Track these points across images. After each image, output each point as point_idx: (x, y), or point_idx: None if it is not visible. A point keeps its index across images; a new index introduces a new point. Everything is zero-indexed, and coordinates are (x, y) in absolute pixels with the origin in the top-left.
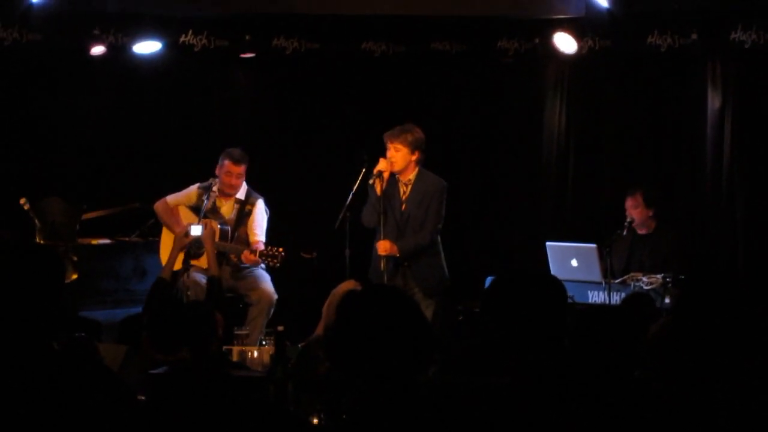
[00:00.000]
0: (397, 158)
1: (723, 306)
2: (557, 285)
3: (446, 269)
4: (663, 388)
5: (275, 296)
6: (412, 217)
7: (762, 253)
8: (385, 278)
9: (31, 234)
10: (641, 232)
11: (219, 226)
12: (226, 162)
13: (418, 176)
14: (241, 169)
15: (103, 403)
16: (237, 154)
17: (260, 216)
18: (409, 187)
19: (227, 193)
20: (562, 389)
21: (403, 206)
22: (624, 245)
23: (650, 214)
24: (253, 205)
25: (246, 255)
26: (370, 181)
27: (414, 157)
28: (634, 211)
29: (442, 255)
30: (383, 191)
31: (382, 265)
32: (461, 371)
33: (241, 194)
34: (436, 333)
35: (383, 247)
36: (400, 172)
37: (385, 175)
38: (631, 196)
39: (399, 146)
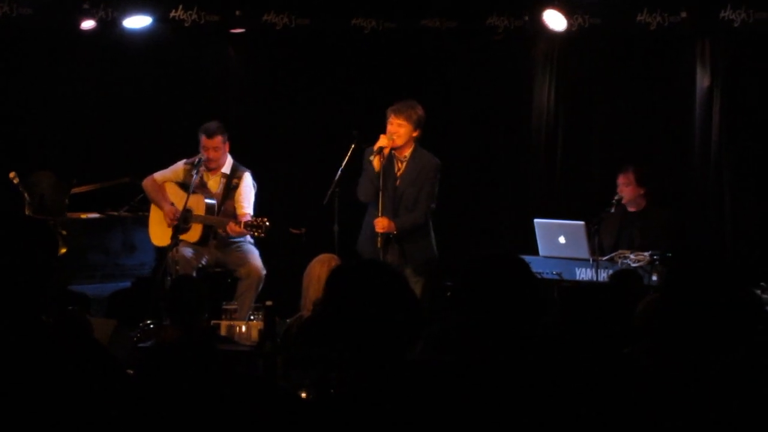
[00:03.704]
0: (400, 133)
1: (710, 283)
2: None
3: (435, 248)
4: (650, 365)
5: (264, 272)
6: (405, 194)
7: (749, 230)
8: (381, 255)
9: (20, 208)
10: (631, 209)
11: (206, 200)
12: (202, 137)
13: (414, 153)
14: (216, 141)
15: (92, 376)
16: (209, 127)
17: (247, 189)
18: (404, 164)
19: (210, 167)
20: (548, 367)
21: (398, 182)
22: (614, 222)
23: (641, 192)
24: (239, 178)
25: (231, 226)
26: (370, 158)
27: (415, 134)
28: (626, 188)
29: (432, 234)
30: (371, 164)
31: (378, 242)
32: (443, 350)
33: (226, 168)
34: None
35: (381, 224)
36: (399, 148)
37: (386, 151)
38: (624, 174)
39: (403, 122)
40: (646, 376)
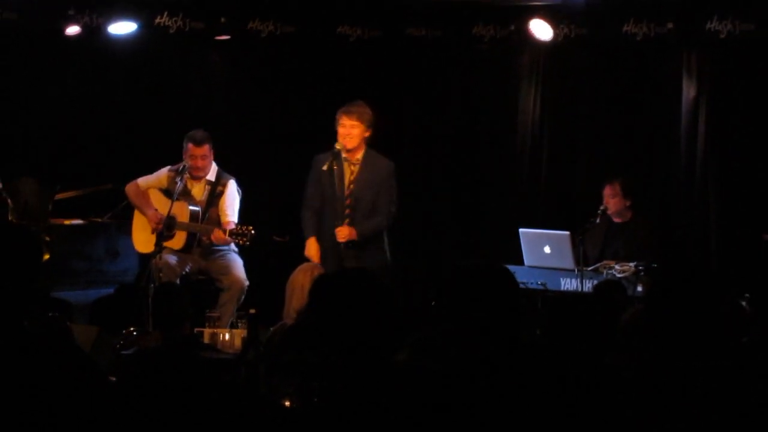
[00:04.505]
0: (353, 135)
1: (694, 294)
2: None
3: (389, 254)
4: (634, 376)
5: (246, 283)
6: (361, 199)
7: (734, 242)
8: (345, 262)
9: (3, 214)
10: (617, 220)
11: (190, 207)
12: (189, 145)
13: (367, 156)
14: (204, 149)
15: (74, 383)
16: (197, 135)
17: (231, 197)
18: (357, 167)
19: (196, 175)
20: (531, 376)
21: (352, 186)
22: (599, 233)
23: (627, 203)
24: (224, 186)
25: (216, 234)
26: (324, 168)
27: (366, 135)
28: (612, 200)
29: (386, 239)
30: (329, 171)
31: (341, 249)
32: (428, 356)
33: (211, 175)
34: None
35: (342, 233)
36: (351, 150)
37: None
38: (610, 185)
39: (356, 122)
40: (627, 386)
